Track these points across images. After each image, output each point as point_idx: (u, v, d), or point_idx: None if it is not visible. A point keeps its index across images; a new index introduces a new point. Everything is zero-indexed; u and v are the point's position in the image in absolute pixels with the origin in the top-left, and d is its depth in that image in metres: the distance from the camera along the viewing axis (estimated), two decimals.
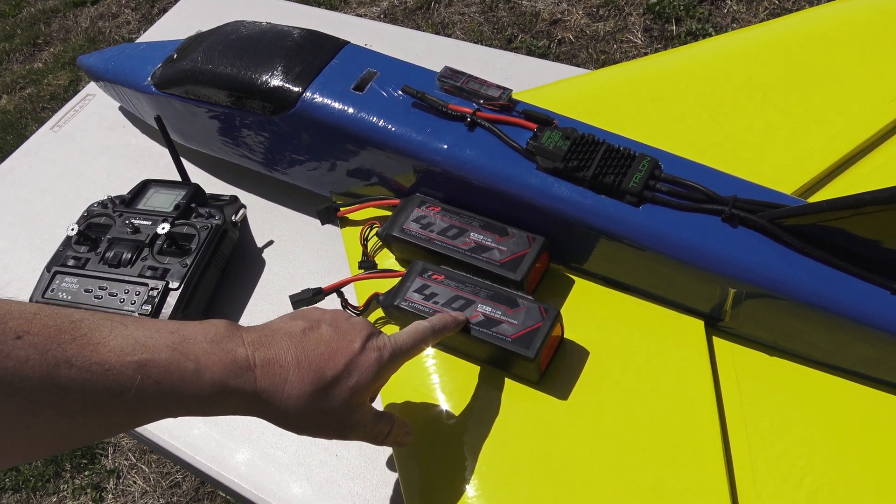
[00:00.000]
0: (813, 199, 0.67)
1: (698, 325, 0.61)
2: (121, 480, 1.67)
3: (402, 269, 0.68)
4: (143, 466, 1.67)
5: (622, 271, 0.63)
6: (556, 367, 0.61)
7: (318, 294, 0.69)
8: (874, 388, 0.57)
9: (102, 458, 1.71)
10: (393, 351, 0.52)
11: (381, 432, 0.54)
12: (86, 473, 1.69)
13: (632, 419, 0.57)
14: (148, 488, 1.63)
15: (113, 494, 1.65)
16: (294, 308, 0.69)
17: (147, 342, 0.44)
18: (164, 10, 3.01)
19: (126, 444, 1.72)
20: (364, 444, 0.62)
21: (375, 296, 0.66)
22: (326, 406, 0.49)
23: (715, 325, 0.62)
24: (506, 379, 0.61)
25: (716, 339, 0.62)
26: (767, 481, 0.54)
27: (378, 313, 0.67)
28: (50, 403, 0.40)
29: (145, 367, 0.43)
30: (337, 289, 0.69)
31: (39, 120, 2.71)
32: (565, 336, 0.62)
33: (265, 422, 0.56)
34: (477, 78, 0.69)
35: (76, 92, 2.82)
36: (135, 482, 1.65)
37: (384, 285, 0.66)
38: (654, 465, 0.55)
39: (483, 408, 0.60)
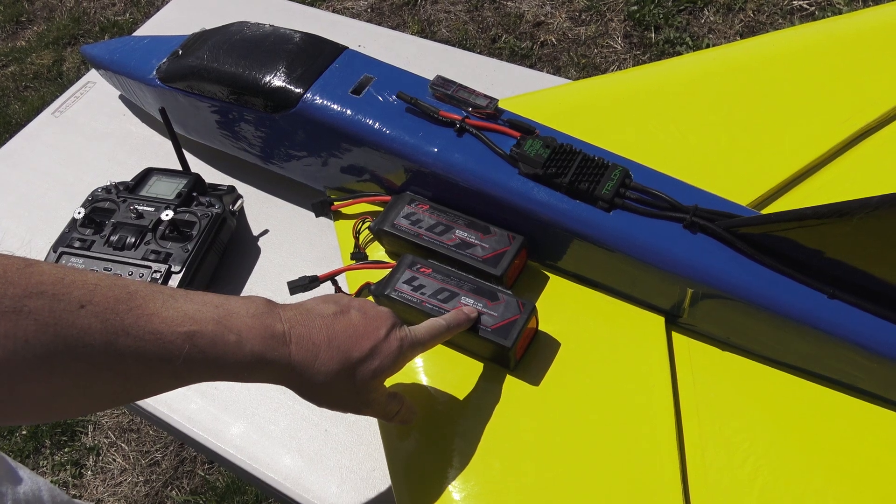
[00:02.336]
0: (767, 210, 0.73)
1: (659, 320, 0.68)
2: (100, 458, 1.70)
3: (392, 262, 0.74)
4: (123, 444, 1.71)
5: (592, 270, 0.69)
6: (530, 355, 0.67)
7: (313, 281, 0.74)
8: (811, 381, 0.64)
9: (82, 435, 1.74)
10: (412, 342, 0.57)
11: (391, 411, 0.59)
12: (65, 450, 1.72)
13: (596, 403, 0.63)
14: (127, 466, 1.67)
15: (92, 471, 1.69)
16: (291, 294, 0.74)
17: (195, 315, 0.48)
18: None
19: (106, 422, 1.75)
20: (351, 420, 0.69)
21: (367, 285, 0.71)
22: (349, 384, 0.54)
23: (674, 322, 0.68)
24: (483, 365, 0.67)
25: (675, 335, 0.68)
26: (715, 460, 0.60)
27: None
28: (108, 367, 0.45)
29: (193, 338, 0.47)
30: (332, 277, 0.74)
31: (22, 99, 2.71)
32: (539, 328, 0.68)
33: (258, 398, 0.62)
34: (466, 87, 0.74)
35: (60, 72, 2.82)
36: (114, 460, 1.69)
37: (375, 276, 0.72)
38: (616, 443, 0.61)
39: (461, 390, 0.65)
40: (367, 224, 0.77)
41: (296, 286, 0.75)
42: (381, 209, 0.76)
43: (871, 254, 0.57)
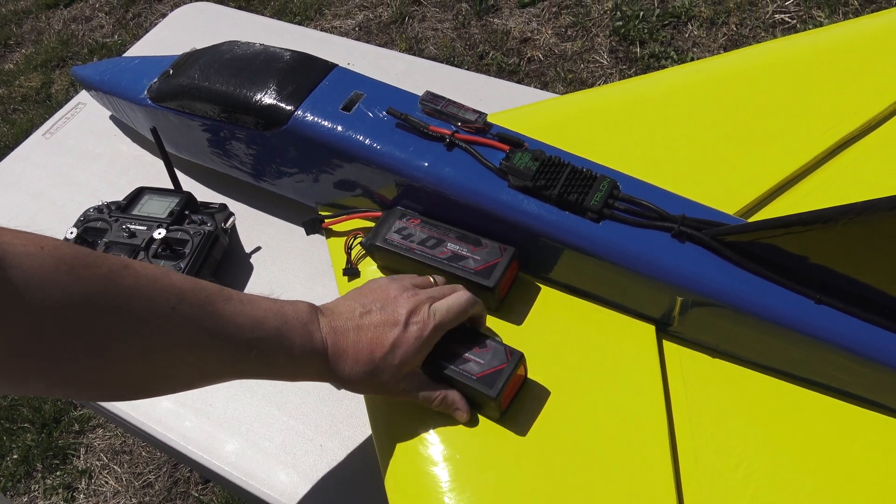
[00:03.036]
0: (754, 218, 0.74)
1: (650, 329, 0.68)
2: (93, 480, 1.69)
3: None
4: (116, 467, 1.70)
5: (583, 280, 0.70)
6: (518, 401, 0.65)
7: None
8: (801, 386, 0.64)
9: (74, 458, 1.73)
10: (435, 326, 0.61)
11: (427, 398, 0.62)
12: (57, 474, 1.71)
13: (590, 410, 0.64)
14: (120, 488, 1.66)
15: (85, 494, 1.68)
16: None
17: (263, 322, 0.56)
18: (139, 16, 3.05)
19: (98, 444, 1.74)
20: (345, 435, 0.70)
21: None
22: (378, 379, 0.60)
23: (665, 330, 0.69)
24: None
25: (665, 343, 0.69)
26: (708, 465, 0.61)
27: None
28: (192, 363, 0.53)
29: (259, 343, 0.55)
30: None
31: (10, 121, 2.71)
32: (532, 337, 0.68)
33: (253, 415, 0.73)
34: (455, 102, 0.75)
35: (48, 94, 2.83)
36: (107, 482, 1.68)
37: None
38: (609, 450, 0.61)
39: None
40: (358, 240, 0.77)
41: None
42: (373, 224, 0.77)
43: (856, 259, 0.58)
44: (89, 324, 0.47)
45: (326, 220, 0.81)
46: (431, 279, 0.67)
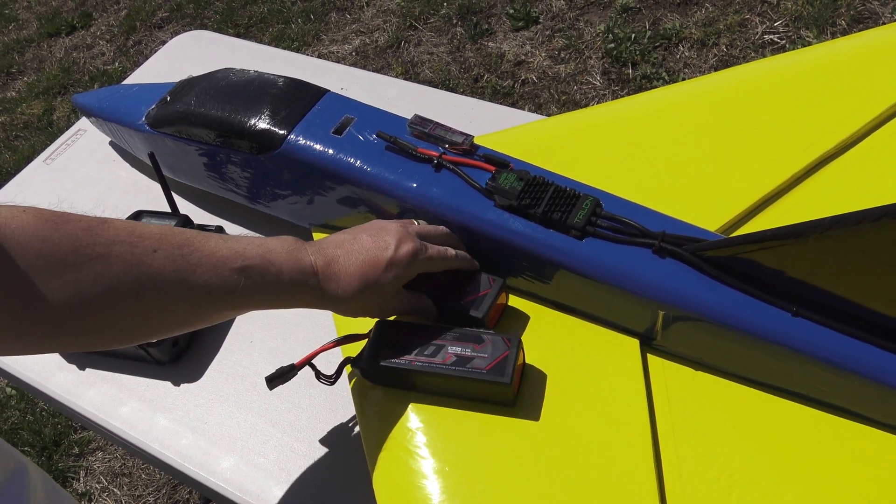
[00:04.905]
0: (734, 235, 0.76)
1: (634, 343, 0.70)
2: (93, 503, 1.70)
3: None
4: (115, 489, 1.70)
5: (567, 296, 0.72)
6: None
7: (291, 371, 0.69)
8: (781, 397, 0.66)
9: (74, 481, 1.74)
10: (426, 257, 0.66)
11: (410, 310, 0.69)
12: None
13: (576, 424, 0.65)
14: None
15: None
16: (269, 388, 0.70)
17: (244, 252, 0.59)
18: (139, 43, 3.09)
19: (98, 467, 1.75)
20: (339, 449, 0.71)
21: (347, 361, 0.69)
22: (371, 297, 0.65)
23: (649, 344, 0.71)
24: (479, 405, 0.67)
25: (650, 357, 0.71)
26: (691, 477, 0.62)
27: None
28: (183, 298, 0.56)
29: (246, 271, 0.58)
30: (308, 361, 0.69)
31: (12, 148, 2.74)
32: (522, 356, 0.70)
33: (247, 431, 0.73)
34: (443, 125, 0.77)
35: (50, 121, 2.86)
36: None
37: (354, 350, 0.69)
38: (595, 462, 0.63)
39: (456, 429, 0.67)
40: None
41: (272, 378, 0.69)
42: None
43: (829, 272, 0.60)
44: (77, 272, 0.50)
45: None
46: (415, 222, 0.71)
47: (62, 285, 0.49)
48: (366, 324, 0.70)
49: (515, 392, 0.66)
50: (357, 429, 0.68)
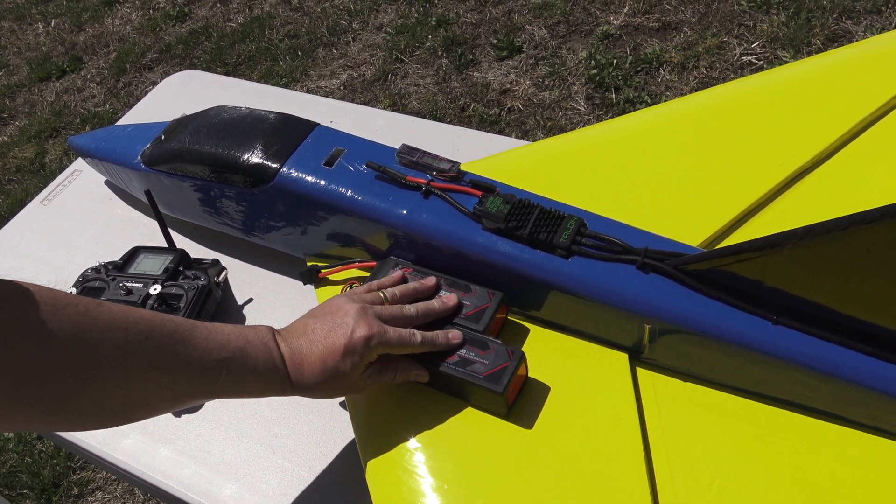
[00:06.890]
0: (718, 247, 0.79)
1: (623, 357, 0.72)
2: None
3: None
4: None
5: (556, 314, 0.74)
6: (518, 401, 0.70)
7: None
8: (767, 404, 0.68)
9: None
10: (380, 341, 0.66)
11: (387, 381, 0.69)
12: None
13: (569, 437, 0.67)
14: None
15: None
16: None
17: (226, 344, 0.61)
18: (129, 84, 3.12)
19: (97, 496, 1.74)
20: (337, 473, 0.73)
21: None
22: (335, 382, 0.66)
23: (637, 357, 0.73)
24: (471, 409, 0.70)
25: (639, 370, 0.73)
26: (683, 485, 0.64)
27: None
28: (167, 386, 0.58)
29: (227, 363, 0.61)
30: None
31: (5, 192, 2.76)
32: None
33: (248, 458, 0.77)
34: (430, 153, 0.80)
35: (42, 164, 2.88)
36: None
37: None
38: (588, 472, 0.65)
39: (452, 434, 0.69)
40: (354, 288, 0.81)
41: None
42: (368, 274, 0.80)
43: (805, 280, 0.62)
44: (74, 356, 0.53)
45: (323, 271, 0.85)
46: (381, 295, 0.72)
47: (59, 369, 0.52)
48: None
49: (509, 403, 0.68)
50: (356, 451, 0.70)
